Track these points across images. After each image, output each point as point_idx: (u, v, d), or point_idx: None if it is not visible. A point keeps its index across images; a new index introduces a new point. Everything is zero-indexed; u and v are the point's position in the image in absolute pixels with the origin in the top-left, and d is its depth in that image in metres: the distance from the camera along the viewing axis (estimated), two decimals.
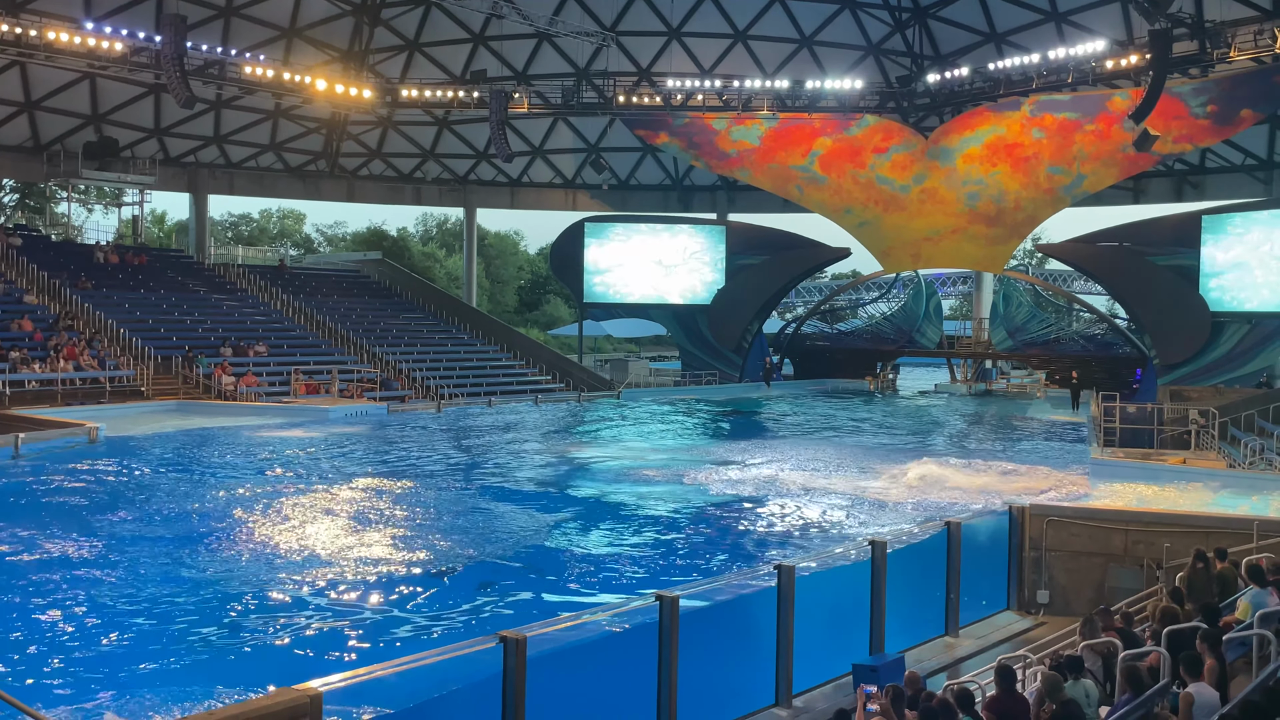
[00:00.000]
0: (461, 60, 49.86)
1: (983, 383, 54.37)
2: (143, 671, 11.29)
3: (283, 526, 18.38)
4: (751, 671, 10.78)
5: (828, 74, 47.70)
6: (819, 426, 36.32)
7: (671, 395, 46.49)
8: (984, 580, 14.31)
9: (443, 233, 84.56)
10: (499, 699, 8.16)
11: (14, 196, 64.68)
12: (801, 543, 17.59)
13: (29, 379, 32.09)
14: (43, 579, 14.65)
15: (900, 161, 48.52)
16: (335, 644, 12.39)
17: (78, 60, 38.18)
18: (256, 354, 38.97)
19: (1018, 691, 8.63)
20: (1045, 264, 79.82)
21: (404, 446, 28.73)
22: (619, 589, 14.68)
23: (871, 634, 11.93)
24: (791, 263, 52.41)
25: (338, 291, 49.21)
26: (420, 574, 15.36)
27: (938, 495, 21.68)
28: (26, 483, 22.17)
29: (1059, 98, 44.31)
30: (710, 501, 21.48)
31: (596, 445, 30.85)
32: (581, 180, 56.88)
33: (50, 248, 43.90)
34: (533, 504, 21.19)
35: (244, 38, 44.27)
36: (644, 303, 53.49)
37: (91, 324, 37.20)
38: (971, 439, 33.39)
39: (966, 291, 75.42)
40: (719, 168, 51.96)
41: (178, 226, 73.11)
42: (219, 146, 49.93)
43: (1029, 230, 50.70)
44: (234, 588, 14.44)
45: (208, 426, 30.64)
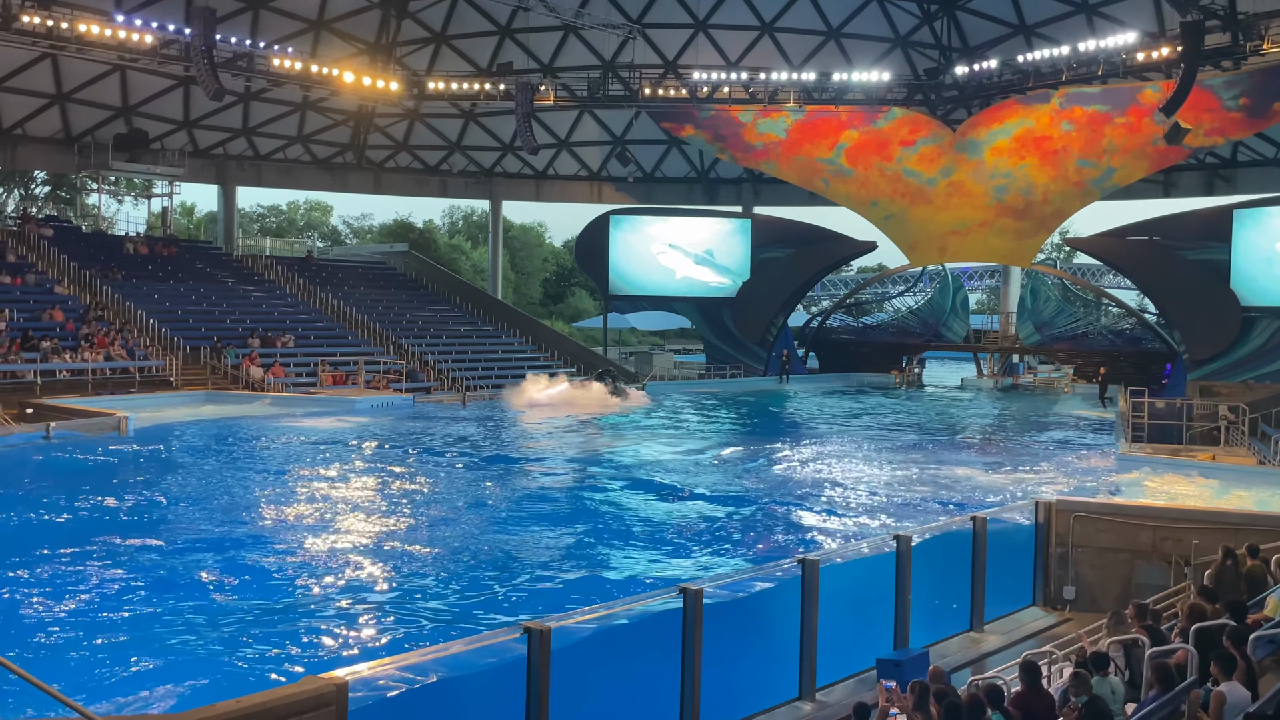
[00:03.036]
0: (488, 53, 49.91)
1: (1009, 377, 54.02)
2: (170, 659, 11.41)
3: (309, 516, 18.52)
4: (774, 664, 10.77)
5: (855, 66, 47.45)
6: (845, 420, 36.22)
7: (695, 388, 46.46)
8: (1009, 576, 14.24)
9: (468, 225, 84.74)
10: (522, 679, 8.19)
11: (45, 188, 65.33)
12: (826, 536, 17.56)
13: (60, 369, 32.42)
14: (70, 566, 14.82)
15: (927, 154, 48.22)
16: (361, 633, 12.48)
17: (108, 52, 38.48)
18: (284, 345, 39.22)
19: (1043, 688, 8.59)
20: (1073, 258, 79.18)
21: (430, 436, 28.85)
22: (643, 580, 14.70)
23: (896, 628, 11.90)
24: (817, 256, 52.21)
25: (364, 283, 49.45)
26: (445, 564, 15.44)
27: (963, 490, 21.60)
28: (56, 471, 22.43)
29: (1089, 90, 43.90)
30: (735, 493, 21.47)
31: (622, 436, 30.88)
32: (607, 173, 56.86)
33: (81, 239, 44.32)
34: (558, 494, 21.26)
35: (272, 30, 44.48)
36: (668, 295, 53.45)
37: (121, 314, 37.54)
38: (998, 434, 33.20)
39: (993, 285, 74.88)
40: (745, 160, 51.81)
41: (206, 218, 73.61)
42: (247, 138, 50.23)
43: (1057, 224, 50.28)
44: (260, 576, 14.56)
45: (236, 416, 30.89)
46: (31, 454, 24.09)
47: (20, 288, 37.12)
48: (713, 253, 52.26)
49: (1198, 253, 43.64)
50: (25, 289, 37.25)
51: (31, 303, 36.23)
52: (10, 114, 43.12)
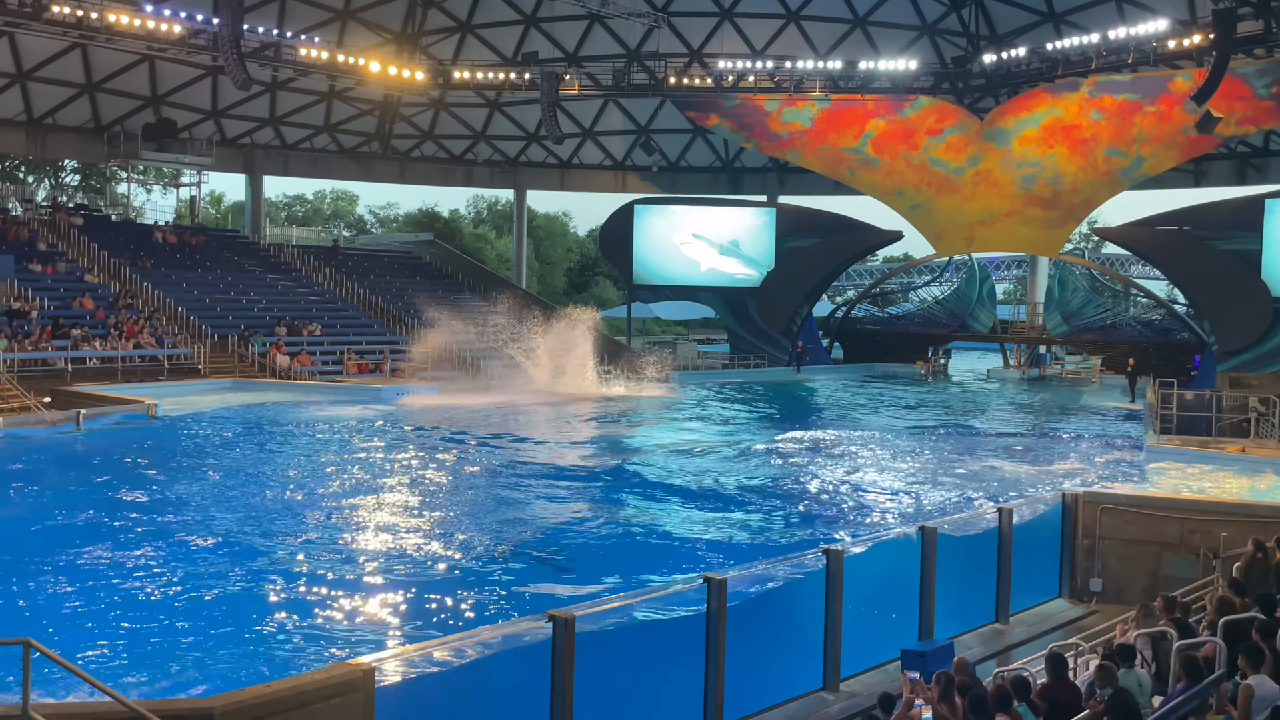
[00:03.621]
0: (513, 42, 49.93)
1: (1036, 368, 53.70)
2: (199, 644, 11.54)
3: (335, 503, 18.66)
4: (799, 654, 10.78)
5: (881, 55, 47.17)
6: (870, 410, 36.12)
7: (718, 378, 46.43)
8: (1035, 567, 14.18)
9: (493, 214, 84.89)
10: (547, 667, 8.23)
11: (75, 177, 65.91)
12: (851, 527, 17.54)
13: (90, 356, 32.75)
14: (99, 552, 15.00)
15: (954, 143, 47.91)
16: (388, 619, 12.57)
17: (137, 42, 38.78)
18: (310, 333, 39.45)
19: (1069, 680, 8.56)
20: (1102, 248, 78.48)
21: (455, 425, 28.97)
22: (668, 569, 14.73)
23: (920, 619, 11.88)
24: (842, 245, 52.02)
25: (390, 272, 49.64)
26: (471, 550, 15.52)
27: (988, 482, 21.51)
28: (87, 457, 22.69)
29: (1119, 78, 43.46)
30: (760, 484, 21.46)
31: (646, 425, 30.92)
32: (631, 162, 56.80)
33: (110, 227, 44.71)
34: (582, 482, 21.32)
35: (299, 20, 44.65)
36: (692, 285, 53.39)
37: (150, 303, 37.87)
38: (1024, 425, 33.02)
39: (1021, 275, 74.36)
40: (770, 149, 51.63)
41: (234, 207, 74.07)
42: (274, 128, 50.48)
43: (1086, 213, 49.89)
44: (288, 562, 14.69)
45: (263, 404, 31.11)
46: (62, 440, 24.37)
47: (51, 276, 37.51)
48: (738, 243, 52.14)
49: (1228, 243, 43.18)
50: (56, 277, 37.63)
51: (62, 290, 36.59)
52: (41, 104, 43.50)
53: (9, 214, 41.27)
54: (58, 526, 16.27)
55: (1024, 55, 43.41)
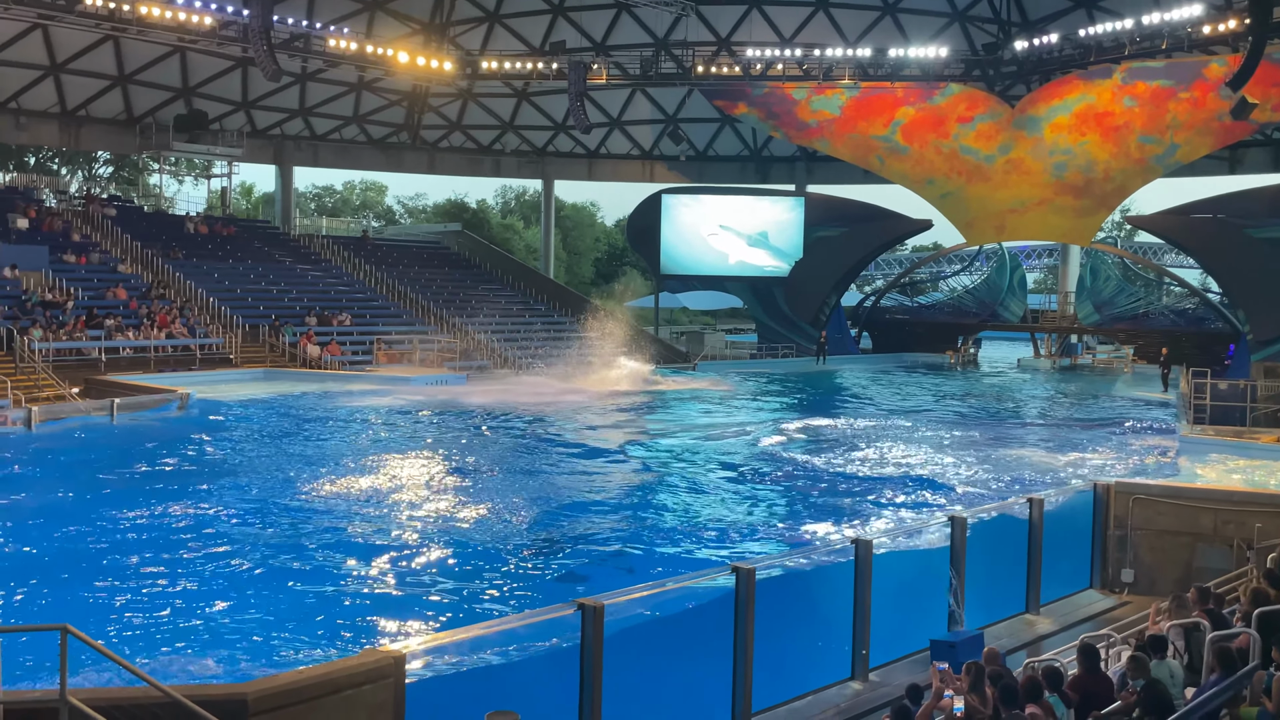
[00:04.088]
0: (541, 31, 49.94)
1: (1068, 358, 53.24)
2: (230, 630, 11.66)
3: (365, 491, 18.78)
4: (827, 644, 10.78)
5: (911, 42, 46.81)
6: (899, 400, 35.96)
7: (746, 368, 46.36)
8: (1066, 558, 14.09)
9: (521, 204, 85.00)
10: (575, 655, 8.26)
11: (108, 168, 66.53)
12: (880, 516, 17.49)
13: (123, 346, 33.09)
14: (132, 540, 15.17)
15: (985, 131, 47.53)
16: (417, 607, 12.65)
17: (168, 34, 39.11)
18: (340, 323, 39.69)
19: (1102, 671, 8.51)
20: (1135, 236, 77.66)
21: (485, 414, 29.08)
22: (697, 558, 14.75)
23: (950, 609, 11.83)
24: (871, 235, 51.74)
25: (419, 262, 49.85)
26: (500, 539, 15.58)
27: (1019, 472, 21.37)
28: (121, 445, 22.93)
29: (1152, 65, 42.94)
30: (787, 473, 21.43)
31: (672, 416, 30.92)
32: (659, 151, 56.71)
33: (143, 218, 45.11)
34: (612, 470, 21.35)
35: (328, 11, 44.85)
36: (720, 274, 53.28)
37: (182, 293, 38.21)
38: (1056, 415, 32.78)
39: (1052, 264, 73.72)
40: (798, 138, 51.40)
41: (264, 198, 74.52)
42: (304, 119, 50.76)
43: (1118, 201, 49.43)
44: (318, 550, 14.81)
45: (293, 394, 31.34)
46: (96, 429, 24.64)
47: (85, 266, 37.91)
48: (766, 234, 51.96)
49: (1264, 230, 42.61)
50: (90, 268, 38.04)
51: (96, 281, 36.98)
52: (74, 96, 43.95)
53: (43, 205, 41.73)
54: (93, 514, 16.47)
55: (1056, 42, 42.98)
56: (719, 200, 52.92)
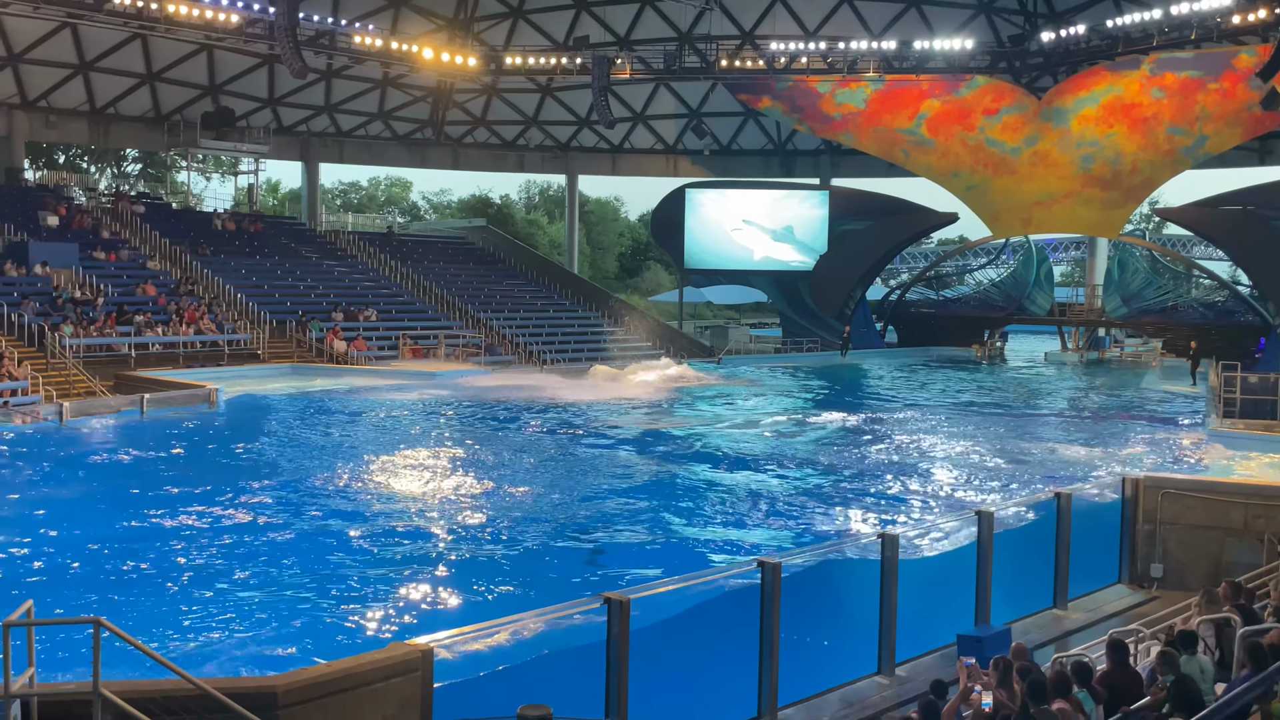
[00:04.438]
0: (564, 26, 49.96)
1: (1095, 351, 52.85)
2: (262, 624, 11.76)
3: (393, 486, 18.89)
4: (854, 638, 10.76)
5: (936, 34, 46.54)
6: (926, 394, 35.82)
7: (771, 362, 46.29)
8: (1094, 552, 14.00)
9: (545, 199, 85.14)
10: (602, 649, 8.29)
11: (136, 166, 67.08)
12: (907, 511, 17.44)
13: (153, 342, 33.38)
14: (163, 534, 15.32)
15: (1011, 123, 47.20)
16: (444, 601, 12.73)
17: (196, 32, 39.39)
18: (366, 319, 39.89)
19: (1131, 666, 8.46)
20: (1163, 229, 76.98)
21: (509, 409, 29.18)
22: (723, 551, 14.75)
23: (977, 604, 11.79)
24: (896, 228, 51.52)
25: (444, 258, 50.02)
26: (527, 533, 15.64)
27: (1046, 466, 21.26)
28: (151, 440, 23.15)
29: (1181, 55, 42.51)
30: (813, 467, 21.39)
31: (697, 409, 30.92)
32: (683, 146, 56.65)
33: (171, 215, 45.46)
34: (637, 465, 21.38)
35: (353, 8, 45.06)
36: (745, 269, 53.19)
37: (210, 289, 38.50)
38: (1083, 409, 32.56)
39: (1079, 257, 73.17)
40: (823, 131, 51.21)
41: (291, 195, 74.97)
42: (330, 115, 51.01)
43: (1146, 194, 48.95)
44: (347, 544, 14.91)
45: (321, 389, 31.54)
46: (127, 424, 24.89)
47: (115, 263, 38.24)
48: (791, 229, 51.81)
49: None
50: (119, 264, 38.37)
51: (125, 278, 37.31)
52: (103, 94, 44.33)
53: (73, 203, 42.13)
54: (123, 508, 16.65)
55: (1083, 33, 42.61)
56: (742, 194, 52.81)
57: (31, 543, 14.65)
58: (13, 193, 40.98)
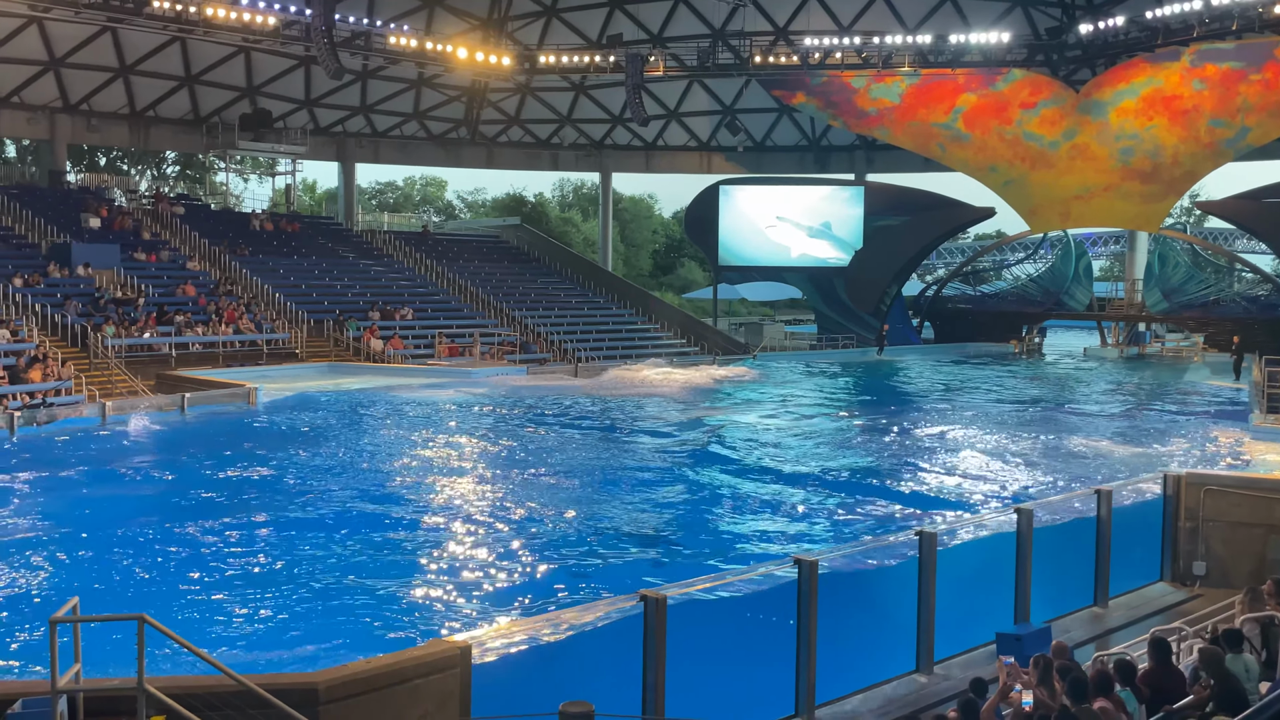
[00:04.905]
0: (598, 25, 50.00)
1: (1135, 346, 52.24)
2: (302, 620, 11.87)
3: (431, 484, 19.00)
4: (892, 636, 10.70)
5: (972, 27, 46.15)
6: (963, 390, 35.56)
7: (806, 359, 46.13)
8: (1135, 550, 13.84)
9: (579, 197, 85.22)
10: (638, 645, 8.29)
11: (175, 167, 67.84)
12: (945, 508, 17.32)
13: (193, 342, 33.78)
14: (205, 531, 15.49)
15: (1049, 117, 46.74)
16: (482, 598, 12.79)
17: (233, 34, 39.80)
18: (402, 318, 40.14)
19: (1173, 665, 8.36)
20: (1204, 222, 75.93)
21: (546, 407, 29.26)
22: (759, 549, 14.73)
23: (1016, 602, 11.69)
24: (932, 223, 51.15)
25: (478, 257, 50.24)
26: (563, 531, 15.69)
27: (1087, 463, 21.05)
28: (192, 438, 23.42)
29: (1222, 46, 41.89)
30: (850, 464, 21.31)
31: (735, 407, 30.86)
32: (716, 143, 56.55)
33: (210, 216, 45.97)
34: (673, 462, 21.38)
35: (388, 8, 45.34)
36: (779, 265, 53.02)
37: (249, 289, 38.89)
38: (1124, 405, 32.20)
39: (1119, 251, 72.26)
40: (857, 127, 50.94)
41: (327, 194, 75.52)
42: (365, 116, 51.36)
43: (1187, 187, 48.32)
44: (386, 541, 15.02)
45: (358, 387, 31.78)
46: (168, 423, 25.20)
47: (155, 264, 38.73)
48: (829, 225, 51.55)
49: None
50: (160, 265, 38.85)
51: (166, 278, 37.77)
52: (143, 97, 44.88)
53: (114, 205, 42.69)
54: (167, 506, 16.86)
55: (1122, 25, 42.12)
56: (777, 191, 52.60)
57: (76, 540, 14.87)
58: (56, 195, 41.61)
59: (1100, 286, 62.05)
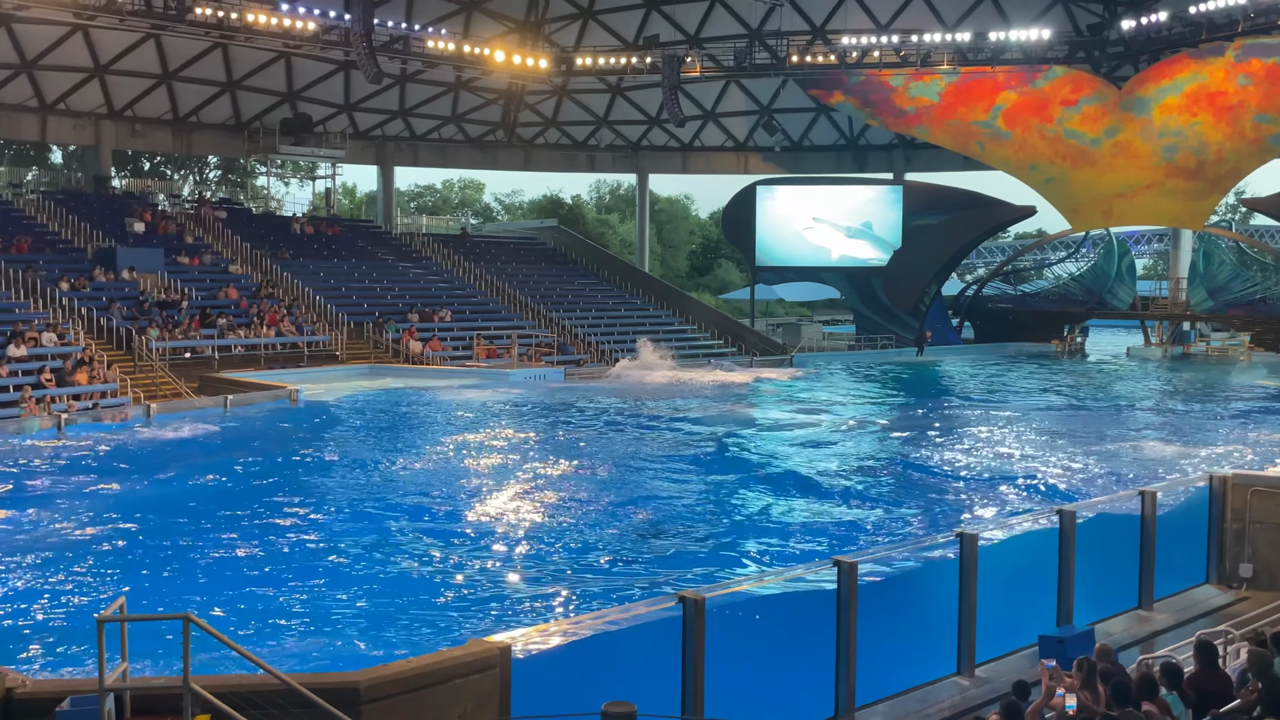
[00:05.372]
0: (634, 26, 50.04)
1: (1180, 346, 51.53)
2: (339, 619, 11.97)
3: (470, 484, 19.09)
4: (932, 638, 10.62)
5: (1012, 24, 45.74)
6: (1005, 391, 35.24)
7: (844, 359, 45.92)
8: (1181, 552, 13.65)
9: (616, 199, 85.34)
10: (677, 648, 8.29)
11: (217, 172, 68.66)
12: (987, 509, 17.18)
13: (235, 344, 34.17)
14: (247, 531, 15.67)
15: (1091, 114, 46.22)
16: (521, 599, 12.84)
17: (274, 40, 40.22)
18: (441, 320, 40.38)
19: (1220, 668, 8.25)
20: (1250, 219, 74.72)
21: (584, 408, 29.32)
22: (798, 551, 14.67)
23: (1059, 605, 11.56)
24: (972, 222, 50.69)
25: (516, 259, 50.42)
26: (602, 532, 15.71)
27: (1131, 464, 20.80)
28: (235, 439, 23.69)
29: (1268, 41, 41.23)
30: (891, 464, 21.18)
31: (773, 407, 30.77)
32: (753, 143, 56.41)
33: (252, 220, 46.48)
34: (710, 463, 21.35)
35: (426, 12, 45.63)
36: (817, 265, 52.78)
37: (290, 292, 39.28)
38: (1168, 405, 31.78)
39: (1163, 250, 71.34)
40: (896, 126, 50.62)
41: (367, 198, 76.13)
42: (404, 119, 51.72)
43: (1232, 184, 47.68)
44: (426, 541, 15.11)
45: (397, 388, 32.01)
46: (212, 424, 25.50)
47: (198, 268, 39.21)
48: (869, 224, 51.21)
49: None
50: (203, 269, 39.33)
51: (208, 282, 38.23)
52: (186, 102, 45.46)
53: (158, 209, 43.26)
54: (211, 505, 17.06)
55: (1165, 20, 41.59)
56: (814, 190, 52.33)
57: (123, 539, 15.08)
58: (101, 200, 42.24)
59: (1144, 285, 61.28)
